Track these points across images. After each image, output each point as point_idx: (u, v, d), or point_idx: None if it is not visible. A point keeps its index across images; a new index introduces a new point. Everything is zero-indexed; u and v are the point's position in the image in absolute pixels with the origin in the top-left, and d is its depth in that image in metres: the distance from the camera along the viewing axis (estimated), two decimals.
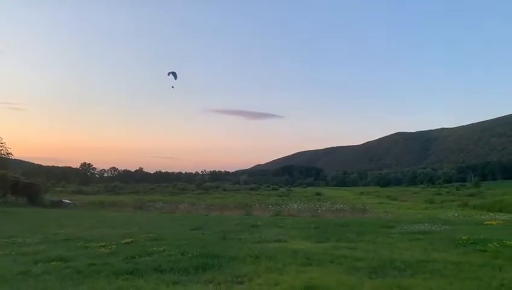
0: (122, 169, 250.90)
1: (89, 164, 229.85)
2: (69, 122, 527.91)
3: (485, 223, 23.09)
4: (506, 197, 53.57)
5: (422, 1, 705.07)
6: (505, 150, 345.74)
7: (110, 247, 14.17)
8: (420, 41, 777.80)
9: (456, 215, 33.46)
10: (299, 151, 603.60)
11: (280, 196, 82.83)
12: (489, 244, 13.06)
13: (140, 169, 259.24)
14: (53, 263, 11.39)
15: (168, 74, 27.66)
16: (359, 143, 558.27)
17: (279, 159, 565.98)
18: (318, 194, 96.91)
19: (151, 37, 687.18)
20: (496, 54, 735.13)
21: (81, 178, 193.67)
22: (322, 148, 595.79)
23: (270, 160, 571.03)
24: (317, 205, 42.57)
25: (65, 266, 10.99)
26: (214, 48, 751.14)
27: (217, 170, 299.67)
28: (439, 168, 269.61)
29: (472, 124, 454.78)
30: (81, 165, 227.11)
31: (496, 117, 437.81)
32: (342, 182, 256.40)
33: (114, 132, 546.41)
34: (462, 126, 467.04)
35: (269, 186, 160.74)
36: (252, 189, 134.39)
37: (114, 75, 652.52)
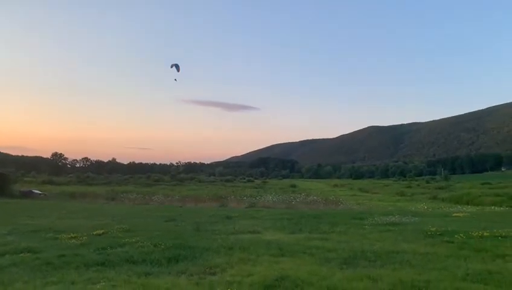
0: (95, 159, 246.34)
1: (61, 153, 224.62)
2: (40, 111, 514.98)
3: (453, 215, 23.80)
4: (473, 190, 55.30)
5: None
6: (473, 144, 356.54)
7: (81, 238, 13.98)
8: (394, 37, 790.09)
9: (425, 207, 34.30)
10: (274, 143, 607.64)
11: (255, 188, 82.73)
12: (456, 236, 13.49)
13: (114, 160, 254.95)
14: (21, 255, 11.17)
15: (171, 66, 26.99)
16: (334, 136, 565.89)
17: (255, 151, 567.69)
18: (293, 186, 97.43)
19: (129, 27, 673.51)
20: (467, 52, 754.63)
21: (52, 168, 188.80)
22: (298, 140, 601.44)
23: (246, 152, 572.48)
24: (292, 197, 42.90)
25: (34, 257, 10.80)
26: (191, 38, 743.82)
27: (192, 162, 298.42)
28: (410, 161, 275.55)
29: (443, 118, 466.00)
30: (52, 154, 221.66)
31: (465, 112, 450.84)
32: (317, 174, 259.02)
33: (86, 121, 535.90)
34: (434, 121, 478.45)
35: (245, 178, 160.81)
36: (227, 181, 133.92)
37: (88, 65, 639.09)
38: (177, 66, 27.14)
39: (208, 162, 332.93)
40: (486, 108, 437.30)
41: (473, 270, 8.71)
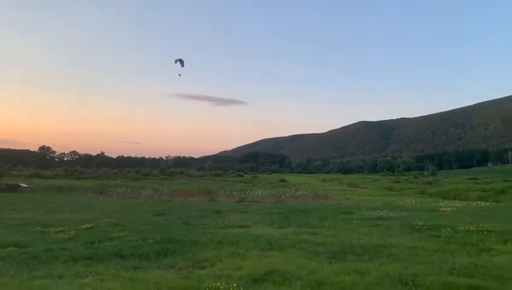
0: (83, 153, 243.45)
1: (48, 147, 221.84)
2: (28, 104, 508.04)
3: (440, 210, 24.02)
4: (460, 185, 55.88)
5: None
6: (461, 140, 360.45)
7: (68, 232, 13.90)
8: (384, 34, 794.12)
9: (413, 202, 34.57)
10: (264, 138, 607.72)
11: (245, 183, 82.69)
12: (443, 230, 13.64)
13: (102, 153, 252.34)
14: (8, 249, 11.07)
15: (176, 62, 26.64)
16: (323, 131, 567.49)
17: (244, 145, 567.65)
18: (282, 180, 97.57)
19: (119, 21, 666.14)
20: (456, 49, 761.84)
21: (39, 162, 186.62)
22: (287, 135, 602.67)
23: (236, 146, 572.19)
24: (281, 192, 42.97)
25: (21, 251, 10.72)
26: (180, 32, 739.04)
27: (182, 156, 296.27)
28: (398, 156, 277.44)
29: (431, 114, 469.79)
30: (40, 148, 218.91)
31: (453, 108, 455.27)
32: (306, 169, 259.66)
33: (75, 114, 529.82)
34: (422, 116, 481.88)
35: (234, 173, 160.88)
36: (217, 175, 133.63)
37: (77, 58, 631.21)
38: (181, 61, 26.79)
39: (198, 157, 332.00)
40: (474, 104, 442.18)
41: (459, 264, 8.83)
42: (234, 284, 7.03)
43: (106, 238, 12.56)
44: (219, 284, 7.04)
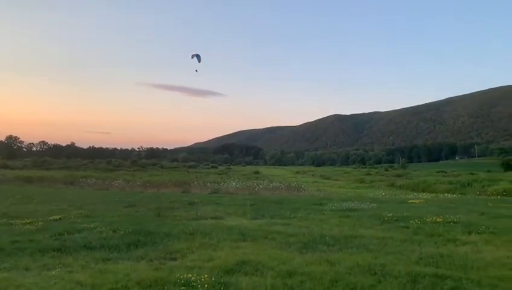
0: (53, 143, 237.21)
1: (16, 136, 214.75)
2: None
3: (409, 201, 24.57)
4: (429, 178, 57.35)
5: None
6: (430, 134, 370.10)
7: (36, 224, 13.58)
8: (358, 28, 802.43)
9: (383, 194, 35.27)
10: (239, 130, 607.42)
11: (219, 174, 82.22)
12: (411, 221, 14.00)
13: (72, 144, 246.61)
14: None
15: (192, 57, 25.64)
16: (298, 124, 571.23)
17: (219, 137, 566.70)
18: (256, 172, 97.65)
19: (87, 5, 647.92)
20: (427, 45, 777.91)
21: (6, 152, 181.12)
22: (263, 127, 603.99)
23: (211, 138, 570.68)
24: (255, 183, 43.07)
25: None
26: (155, 20, 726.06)
27: (155, 147, 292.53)
28: (370, 149, 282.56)
29: (402, 108, 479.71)
30: (7, 137, 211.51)
31: (424, 103, 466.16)
32: (280, 161, 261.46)
33: (44, 103, 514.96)
34: (393, 110, 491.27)
35: (208, 165, 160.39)
36: (190, 167, 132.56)
37: (48, 45, 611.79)
38: (198, 57, 25.84)
39: (171, 148, 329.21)
40: (444, 99, 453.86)
41: (426, 254, 9.10)
42: (206, 275, 7.03)
43: (76, 230, 12.31)
44: (190, 275, 7.02)
